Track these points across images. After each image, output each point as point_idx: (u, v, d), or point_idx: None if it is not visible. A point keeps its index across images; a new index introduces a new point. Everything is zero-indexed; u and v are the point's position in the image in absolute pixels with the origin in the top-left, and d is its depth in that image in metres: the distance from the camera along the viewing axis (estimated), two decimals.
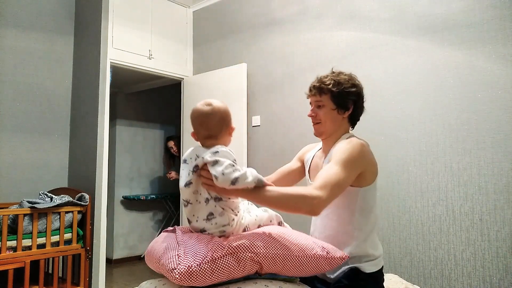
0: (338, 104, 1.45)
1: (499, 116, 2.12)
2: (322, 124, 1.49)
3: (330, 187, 1.23)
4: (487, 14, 2.19)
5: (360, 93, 1.47)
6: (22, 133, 3.20)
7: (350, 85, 1.44)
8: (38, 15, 3.33)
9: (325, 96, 1.46)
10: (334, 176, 1.27)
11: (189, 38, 4.02)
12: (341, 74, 1.48)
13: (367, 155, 1.38)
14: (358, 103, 1.48)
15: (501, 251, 2.07)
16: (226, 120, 1.40)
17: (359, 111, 1.50)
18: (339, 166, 1.29)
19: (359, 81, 1.49)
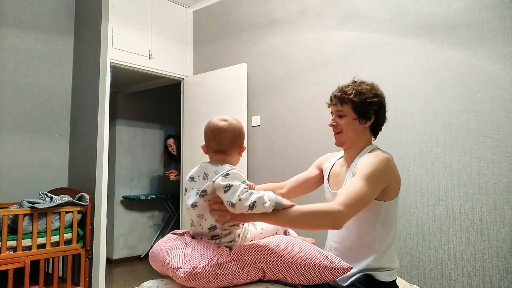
0: (360, 114, 1.44)
1: (499, 116, 2.12)
2: (343, 133, 1.48)
3: (353, 202, 1.22)
4: (487, 14, 2.19)
5: (382, 103, 1.46)
6: (22, 133, 3.20)
7: (372, 95, 1.44)
8: (38, 15, 3.33)
9: (346, 105, 1.45)
10: (358, 190, 1.25)
11: (189, 38, 4.02)
12: (363, 83, 1.48)
13: (392, 170, 1.37)
14: (380, 113, 1.46)
15: (501, 251, 2.07)
16: (238, 138, 1.38)
17: (381, 121, 1.49)
18: (364, 181, 1.28)
19: (381, 91, 1.48)
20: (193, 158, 3.69)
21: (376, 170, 1.31)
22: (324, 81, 2.91)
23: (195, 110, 3.74)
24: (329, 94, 1.56)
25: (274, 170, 3.19)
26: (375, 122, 1.47)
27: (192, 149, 3.72)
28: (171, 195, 4.92)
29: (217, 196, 1.21)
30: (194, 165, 1.43)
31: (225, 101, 3.47)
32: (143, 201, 4.95)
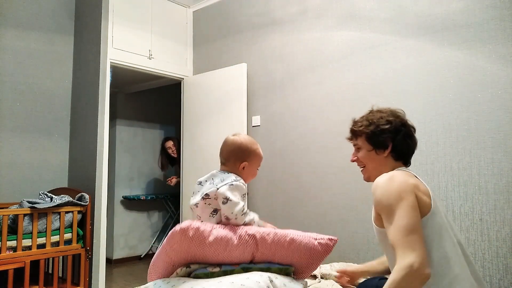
0: (374, 144, 1.37)
1: (499, 116, 2.12)
2: (366, 168, 1.42)
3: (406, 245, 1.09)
4: (487, 14, 2.19)
5: (397, 128, 1.35)
6: (22, 133, 3.20)
7: (384, 122, 1.36)
8: (38, 15, 3.33)
9: (360, 138, 1.41)
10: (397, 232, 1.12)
11: (189, 38, 4.02)
12: (376, 112, 1.41)
13: (399, 186, 1.21)
14: (397, 138, 1.35)
15: (501, 251, 2.07)
16: (238, 152, 1.46)
17: (402, 146, 1.36)
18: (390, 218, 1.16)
19: (398, 115, 1.39)
20: (194, 158, 3.69)
21: (387, 198, 1.19)
22: (324, 81, 2.91)
23: (195, 110, 3.74)
24: (329, 94, 1.56)
25: (274, 170, 3.19)
26: (394, 149, 1.36)
27: (192, 149, 3.72)
28: (171, 195, 4.92)
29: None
30: (195, 165, 1.51)
31: (225, 101, 3.47)
32: (143, 201, 4.95)
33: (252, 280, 1.19)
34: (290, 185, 3.06)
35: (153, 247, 4.98)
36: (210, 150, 3.53)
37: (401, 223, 1.13)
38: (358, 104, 2.70)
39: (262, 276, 1.22)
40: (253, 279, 1.19)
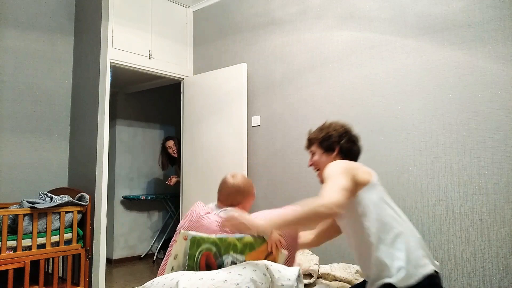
0: (325, 147, 1.66)
1: (499, 116, 2.12)
2: (320, 170, 1.67)
3: (332, 190, 1.33)
4: (487, 14, 2.19)
5: (341, 133, 1.65)
6: (22, 133, 3.20)
7: (331, 130, 1.66)
8: (38, 15, 3.34)
9: (314, 145, 1.70)
10: (331, 184, 1.37)
11: (189, 38, 4.02)
12: (327, 123, 1.72)
13: (345, 163, 1.49)
14: (342, 142, 1.64)
15: (501, 251, 2.07)
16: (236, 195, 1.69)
17: (346, 148, 1.64)
18: (331, 179, 1.40)
19: (342, 125, 1.68)
20: (194, 158, 3.69)
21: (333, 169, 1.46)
22: (324, 81, 2.91)
23: (195, 110, 3.74)
24: (329, 94, 1.69)
25: (274, 170, 3.19)
26: (341, 151, 1.64)
27: (192, 149, 3.72)
28: (171, 195, 4.92)
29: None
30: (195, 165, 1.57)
31: (225, 101, 3.47)
32: (143, 201, 4.95)
33: (249, 269, 1.27)
34: (290, 185, 3.06)
35: (153, 247, 4.98)
36: (210, 150, 3.53)
37: (337, 182, 1.38)
38: (358, 104, 2.71)
39: (258, 264, 1.29)
40: (250, 268, 1.27)
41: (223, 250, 1.42)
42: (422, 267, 1.36)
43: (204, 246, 1.42)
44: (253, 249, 1.42)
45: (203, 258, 1.42)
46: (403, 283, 1.33)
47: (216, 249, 1.42)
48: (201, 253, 1.42)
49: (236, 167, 3.32)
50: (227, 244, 1.42)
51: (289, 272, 1.32)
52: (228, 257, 1.42)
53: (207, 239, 1.42)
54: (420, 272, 1.35)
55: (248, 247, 1.42)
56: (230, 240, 1.43)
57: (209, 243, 1.42)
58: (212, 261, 1.42)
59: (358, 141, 1.68)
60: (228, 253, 1.42)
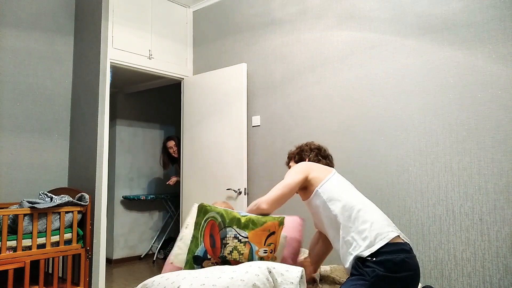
0: (298, 160, 1.97)
1: (499, 116, 2.12)
2: None
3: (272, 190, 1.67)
4: (487, 14, 2.19)
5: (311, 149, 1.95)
6: (22, 133, 3.20)
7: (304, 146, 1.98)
8: (38, 15, 3.33)
9: (292, 160, 2.01)
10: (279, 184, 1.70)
11: (189, 38, 4.02)
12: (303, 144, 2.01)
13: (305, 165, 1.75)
14: (310, 155, 1.94)
15: (501, 251, 2.07)
16: None
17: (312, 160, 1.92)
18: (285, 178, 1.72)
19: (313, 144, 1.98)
20: (194, 158, 3.69)
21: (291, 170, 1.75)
22: (324, 81, 2.91)
23: (195, 110, 3.74)
24: (329, 94, 1.79)
25: (274, 170, 3.19)
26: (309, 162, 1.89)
27: (192, 149, 3.72)
28: (171, 195, 4.92)
29: None
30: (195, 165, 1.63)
31: (225, 101, 3.47)
32: (143, 201, 4.95)
33: (252, 273, 1.22)
34: None
35: (153, 247, 4.98)
36: (210, 150, 3.53)
37: (284, 182, 1.69)
38: (358, 104, 2.71)
39: (261, 268, 1.27)
40: (252, 273, 1.23)
41: (228, 221, 1.49)
42: (386, 233, 1.46)
43: (210, 214, 1.50)
44: (255, 226, 1.50)
45: (207, 227, 1.49)
46: (370, 250, 1.42)
47: (221, 219, 1.49)
48: (206, 221, 1.49)
49: (236, 167, 3.32)
50: (232, 217, 1.50)
51: (291, 275, 1.31)
52: (231, 230, 1.49)
53: (214, 208, 1.51)
54: (385, 237, 1.44)
55: (251, 223, 1.51)
56: (235, 214, 1.51)
57: (215, 212, 1.50)
58: (216, 231, 1.48)
59: (326, 159, 1.94)
60: (232, 226, 1.49)
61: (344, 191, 1.64)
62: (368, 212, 1.54)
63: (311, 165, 1.77)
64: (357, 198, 1.62)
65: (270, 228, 1.53)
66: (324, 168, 1.75)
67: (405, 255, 1.41)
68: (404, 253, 1.41)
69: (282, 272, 1.30)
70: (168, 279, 1.28)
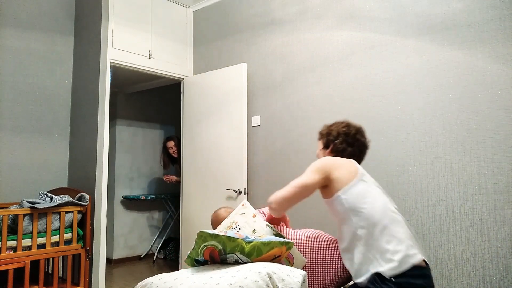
0: (324, 144, 1.80)
1: (499, 116, 2.12)
2: None
3: (286, 189, 1.55)
4: (487, 14, 2.19)
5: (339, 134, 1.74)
6: (22, 133, 3.20)
7: (332, 129, 1.78)
8: (38, 15, 3.34)
9: (320, 140, 1.84)
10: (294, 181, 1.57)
11: (189, 38, 4.02)
12: (335, 122, 1.81)
13: (326, 162, 1.59)
14: (336, 142, 1.74)
15: (501, 251, 2.07)
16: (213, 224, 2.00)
17: (337, 148, 1.74)
18: (302, 175, 1.58)
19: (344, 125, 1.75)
20: (194, 158, 3.69)
21: (312, 164, 1.60)
22: (324, 81, 2.91)
23: (195, 110, 3.74)
24: (329, 94, 1.75)
25: (274, 170, 3.19)
26: (332, 150, 1.75)
27: (192, 149, 3.72)
28: (171, 195, 4.92)
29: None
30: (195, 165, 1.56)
31: (225, 101, 3.47)
32: (143, 201, 4.95)
33: (251, 279, 1.19)
34: None
35: (153, 247, 4.98)
36: (210, 150, 3.53)
37: (300, 179, 1.56)
38: (358, 104, 2.70)
39: (261, 273, 1.23)
40: (252, 279, 1.19)
41: (229, 250, 1.41)
42: (411, 256, 1.39)
43: (210, 242, 1.42)
44: (261, 254, 1.41)
45: (206, 252, 1.42)
46: (392, 272, 1.37)
47: (222, 247, 1.41)
48: (206, 246, 1.42)
49: (236, 167, 3.32)
50: (235, 245, 1.41)
51: (293, 279, 1.28)
52: (233, 256, 1.41)
53: (214, 237, 1.41)
54: (409, 261, 1.38)
55: (256, 252, 1.41)
56: (238, 241, 1.42)
57: (216, 241, 1.41)
58: (216, 255, 1.42)
59: (356, 144, 1.72)
60: (234, 253, 1.41)
61: (370, 201, 1.50)
62: (394, 230, 1.44)
63: (334, 162, 1.59)
64: (384, 211, 1.48)
65: (276, 253, 1.46)
66: (350, 167, 1.58)
67: (425, 281, 1.38)
68: (425, 279, 1.39)
69: (283, 277, 1.27)
70: (166, 283, 1.26)
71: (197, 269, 1.37)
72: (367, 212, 1.47)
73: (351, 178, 1.54)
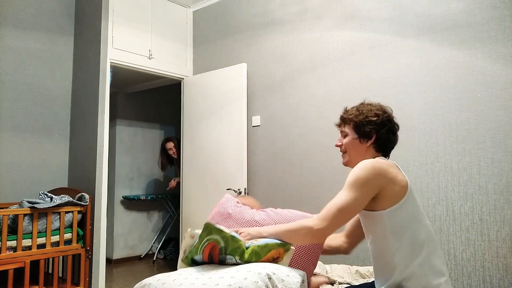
0: (360, 133, 1.47)
1: (499, 116, 2.12)
2: (347, 153, 1.52)
3: (331, 214, 1.29)
4: (487, 14, 2.19)
5: (383, 122, 1.45)
6: (22, 133, 3.20)
7: (372, 115, 1.46)
8: (38, 15, 3.34)
9: (348, 126, 1.51)
10: (337, 201, 1.30)
11: (189, 38, 4.02)
12: (366, 104, 1.51)
13: (380, 173, 1.31)
14: (381, 131, 1.45)
15: (501, 251, 2.07)
16: None
17: (384, 140, 1.46)
18: (345, 190, 1.31)
19: (385, 110, 1.48)
20: (194, 158, 3.69)
21: (357, 176, 1.31)
22: (324, 81, 2.91)
23: (195, 110, 3.74)
24: (329, 94, 1.63)
25: (274, 170, 3.19)
26: (377, 141, 1.45)
27: (192, 149, 3.72)
28: (171, 195, 4.92)
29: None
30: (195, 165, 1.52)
31: (225, 101, 3.47)
32: (143, 201, 4.95)
33: (250, 280, 1.19)
34: (290, 185, 3.06)
35: (153, 247, 4.98)
36: (210, 150, 3.53)
37: (345, 199, 1.30)
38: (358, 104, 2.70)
39: (261, 274, 1.22)
40: (251, 280, 1.19)
41: (230, 250, 1.37)
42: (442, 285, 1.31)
43: (213, 236, 1.36)
44: (259, 258, 1.38)
45: (208, 247, 1.38)
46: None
47: (224, 245, 1.37)
48: (209, 240, 1.37)
49: (236, 167, 3.32)
50: (237, 246, 1.37)
51: (292, 280, 1.27)
52: (232, 258, 1.37)
53: (219, 232, 1.36)
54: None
55: (254, 256, 1.38)
56: (241, 243, 1.37)
57: (220, 237, 1.36)
58: (215, 253, 1.38)
59: (398, 132, 1.50)
60: (233, 256, 1.37)
61: (414, 223, 1.33)
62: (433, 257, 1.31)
63: (387, 171, 1.32)
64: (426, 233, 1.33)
65: (274, 255, 1.42)
66: (401, 180, 1.34)
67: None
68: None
69: (283, 278, 1.26)
70: (165, 284, 1.26)
71: (196, 269, 1.35)
72: (410, 235, 1.31)
73: (402, 194, 1.32)
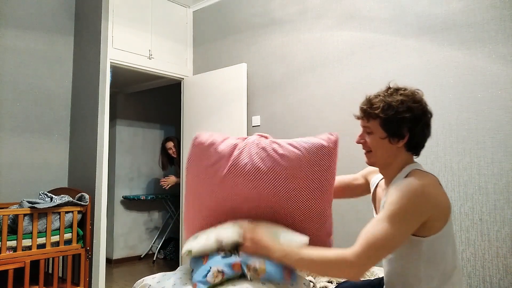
0: (390, 132, 1.21)
1: (499, 116, 2.12)
2: (373, 153, 1.27)
3: (372, 250, 1.06)
4: (487, 14, 2.19)
5: (418, 117, 1.20)
6: (22, 133, 3.20)
7: (404, 109, 1.19)
8: (38, 15, 3.34)
9: (373, 122, 1.24)
10: (378, 235, 1.06)
11: (189, 38, 4.02)
12: (395, 93, 1.24)
13: (429, 201, 1.10)
14: (416, 130, 1.20)
15: (501, 251, 2.07)
16: None
17: (418, 138, 1.22)
18: (387, 222, 1.07)
19: (418, 100, 1.23)
20: None
21: (403, 206, 1.08)
22: (324, 81, 2.91)
23: (195, 110, 3.74)
24: (329, 94, 1.54)
25: None
26: (410, 141, 1.21)
27: None
28: (171, 195, 4.92)
29: None
30: None
31: (225, 101, 3.47)
32: (143, 201, 4.95)
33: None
34: None
35: (153, 247, 4.98)
36: None
37: (387, 234, 1.07)
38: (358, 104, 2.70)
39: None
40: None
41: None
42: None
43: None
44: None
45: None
46: None
47: None
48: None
49: None
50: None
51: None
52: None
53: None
54: None
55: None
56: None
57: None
58: None
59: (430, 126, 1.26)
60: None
61: (450, 251, 1.17)
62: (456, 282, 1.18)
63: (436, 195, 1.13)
64: (456, 261, 1.19)
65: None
66: (446, 207, 1.16)
67: None
68: None
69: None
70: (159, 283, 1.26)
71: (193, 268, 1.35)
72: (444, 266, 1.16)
73: (445, 220, 1.15)
